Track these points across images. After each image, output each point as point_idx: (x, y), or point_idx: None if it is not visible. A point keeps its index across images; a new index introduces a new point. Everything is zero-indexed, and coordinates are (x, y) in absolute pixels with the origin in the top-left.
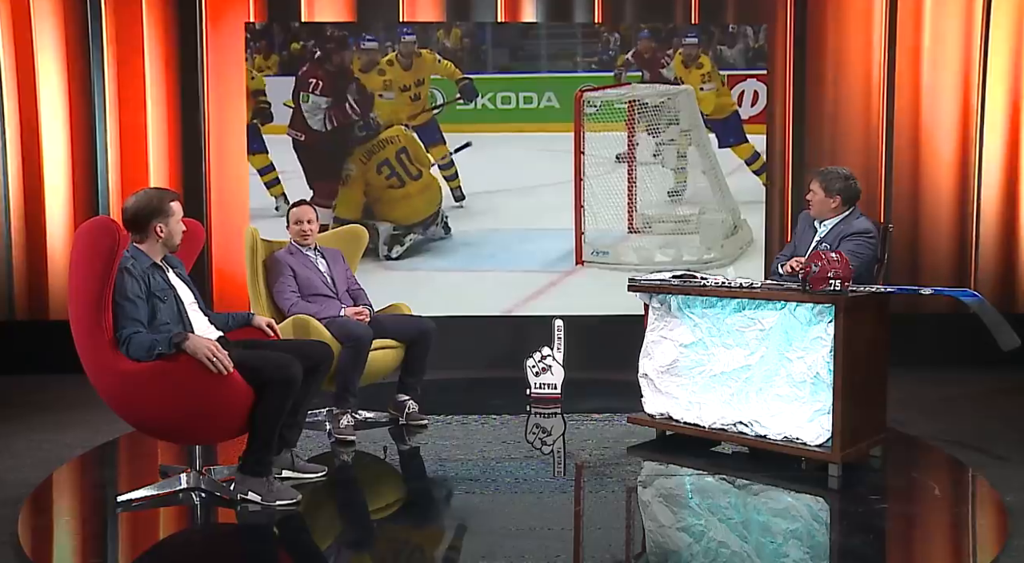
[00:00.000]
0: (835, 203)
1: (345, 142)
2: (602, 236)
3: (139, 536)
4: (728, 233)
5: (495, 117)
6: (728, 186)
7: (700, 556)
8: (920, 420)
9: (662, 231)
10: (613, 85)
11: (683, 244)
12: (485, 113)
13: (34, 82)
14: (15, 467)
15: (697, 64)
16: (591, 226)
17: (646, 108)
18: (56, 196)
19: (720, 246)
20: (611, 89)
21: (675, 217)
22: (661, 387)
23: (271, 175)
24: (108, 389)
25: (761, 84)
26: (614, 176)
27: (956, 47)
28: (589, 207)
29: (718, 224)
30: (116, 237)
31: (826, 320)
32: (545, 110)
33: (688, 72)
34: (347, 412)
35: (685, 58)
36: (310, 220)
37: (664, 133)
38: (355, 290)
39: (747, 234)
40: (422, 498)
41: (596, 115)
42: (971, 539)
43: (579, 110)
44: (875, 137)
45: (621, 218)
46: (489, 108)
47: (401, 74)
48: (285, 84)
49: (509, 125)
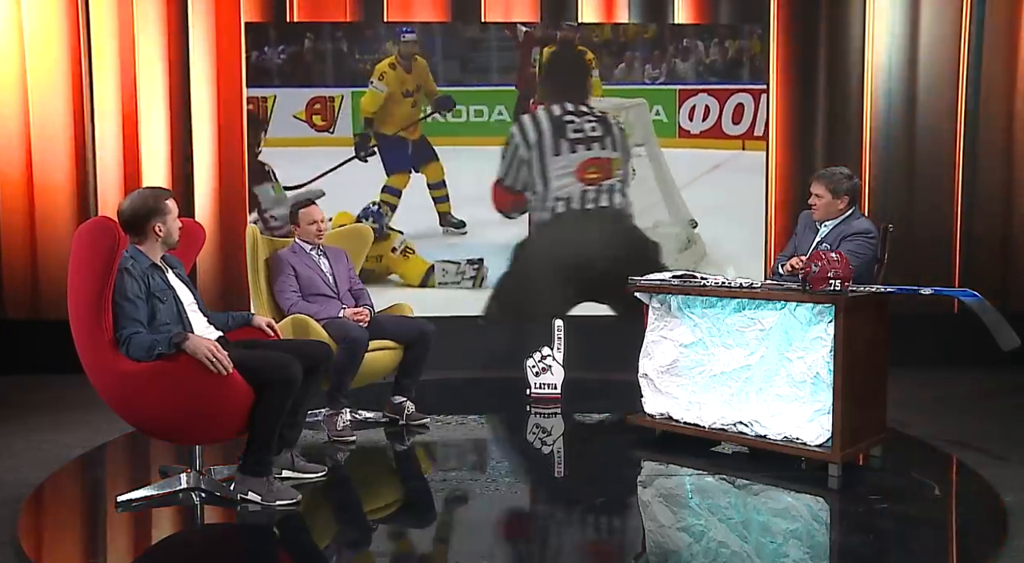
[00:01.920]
0: (843, 204)
1: None
2: None
3: (139, 536)
4: (682, 247)
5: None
6: (683, 200)
7: (700, 556)
8: (920, 420)
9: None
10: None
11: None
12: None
13: (25, 82)
14: (15, 467)
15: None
16: None
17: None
18: (55, 195)
19: (674, 260)
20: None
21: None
22: (661, 387)
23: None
24: (108, 389)
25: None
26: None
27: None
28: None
29: (672, 238)
30: (116, 237)
31: (826, 320)
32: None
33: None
34: (340, 413)
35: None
36: (323, 219)
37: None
38: (357, 290)
39: (701, 249)
40: (422, 498)
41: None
42: (971, 539)
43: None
44: (875, 138)
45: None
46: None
47: (403, 77)
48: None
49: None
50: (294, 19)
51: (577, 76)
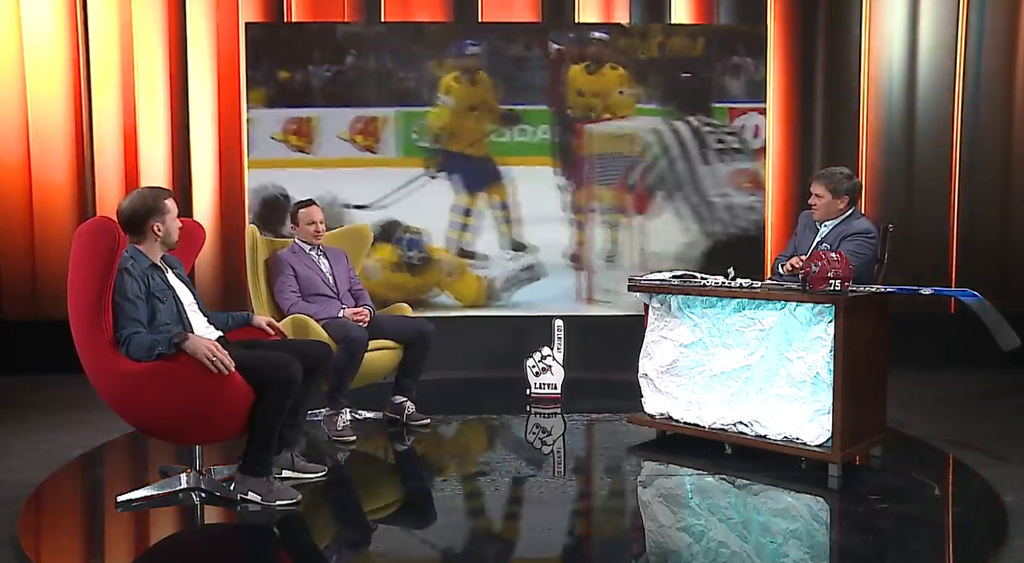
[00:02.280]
0: (843, 204)
1: None
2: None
3: (139, 536)
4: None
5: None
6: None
7: (700, 556)
8: (920, 420)
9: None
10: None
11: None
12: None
13: (24, 81)
14: (15, 467)
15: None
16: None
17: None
18: (54, 195)
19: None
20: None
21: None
22: (661, 387)
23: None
24: (108, 389)
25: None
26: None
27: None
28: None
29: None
30: (116, 237)
31: (826, 320)
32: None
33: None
34: (340, 413)
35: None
36: (321, 219)
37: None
38: (357, 290)
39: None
40: (422, 498)
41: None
42: (971, 539)
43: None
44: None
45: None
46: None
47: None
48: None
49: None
50: (292, 19)
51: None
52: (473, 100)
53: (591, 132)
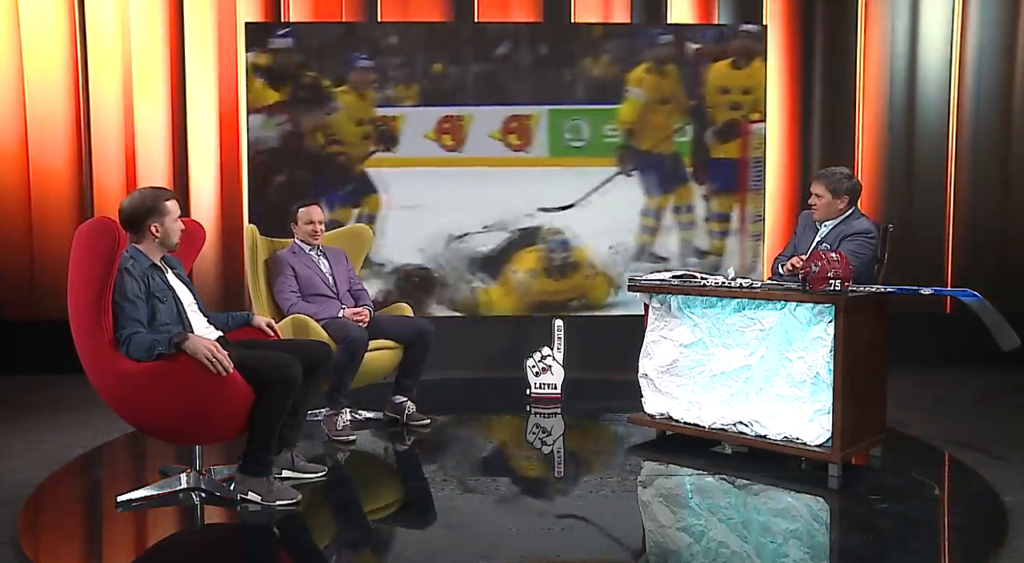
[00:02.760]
0: (843, 204)
1: None
2: None
3: (139, 536)
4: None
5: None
6: None
7: (700, 556)
8: (920, 420)
9: None
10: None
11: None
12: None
13: (23, 81)
14: (15, 467)
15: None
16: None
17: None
18: (53, 195)
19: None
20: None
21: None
22: (661, 387)
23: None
24: (108, 389)
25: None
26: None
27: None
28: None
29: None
30: (116, 237)
31: (826, 320)
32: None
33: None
34: (340, 413)
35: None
36: (320, 220)
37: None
38: (357, 290)
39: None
40: (422, 498)
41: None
42: (971, 539)
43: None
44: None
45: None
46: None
47: None
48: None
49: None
50: (289, 18)
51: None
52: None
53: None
